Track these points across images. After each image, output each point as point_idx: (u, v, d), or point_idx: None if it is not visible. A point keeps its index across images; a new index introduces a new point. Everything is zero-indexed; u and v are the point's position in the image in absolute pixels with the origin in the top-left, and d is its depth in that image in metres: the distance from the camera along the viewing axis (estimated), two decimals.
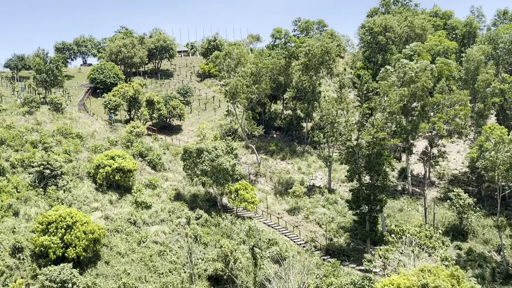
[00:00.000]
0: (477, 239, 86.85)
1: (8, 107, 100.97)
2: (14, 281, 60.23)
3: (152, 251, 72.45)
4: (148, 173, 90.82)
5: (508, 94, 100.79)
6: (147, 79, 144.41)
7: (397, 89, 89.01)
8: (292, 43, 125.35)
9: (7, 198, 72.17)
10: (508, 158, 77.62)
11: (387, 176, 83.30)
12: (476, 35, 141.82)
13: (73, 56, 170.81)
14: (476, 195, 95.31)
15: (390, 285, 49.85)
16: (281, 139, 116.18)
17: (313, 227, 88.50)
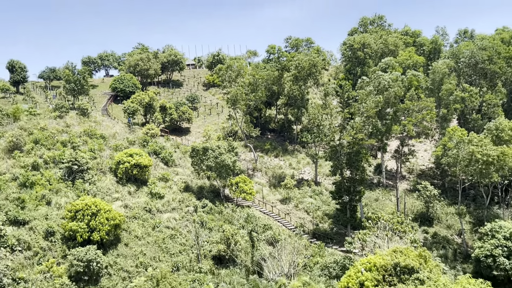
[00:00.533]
0: (441, 225, 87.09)
1: (42, 112, 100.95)
2: (47, 260, 60.50)
3: (164, 235, 72.56)
4: (161, 168, 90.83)
5: (467, 102, 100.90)
6: (161, 88, 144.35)
7: (373, 96, 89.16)
8: (284, 57, 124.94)
9: (41, 189, 72.32)
10: (467, 155, 77.79)
11: (365, 171, 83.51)
12: (440, 51, 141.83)
13: (97, 69, 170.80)
14: (441, 187, 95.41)
15: (367, 264, 49.97)
16: (275, 140, 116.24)
17: (302, 214, 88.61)
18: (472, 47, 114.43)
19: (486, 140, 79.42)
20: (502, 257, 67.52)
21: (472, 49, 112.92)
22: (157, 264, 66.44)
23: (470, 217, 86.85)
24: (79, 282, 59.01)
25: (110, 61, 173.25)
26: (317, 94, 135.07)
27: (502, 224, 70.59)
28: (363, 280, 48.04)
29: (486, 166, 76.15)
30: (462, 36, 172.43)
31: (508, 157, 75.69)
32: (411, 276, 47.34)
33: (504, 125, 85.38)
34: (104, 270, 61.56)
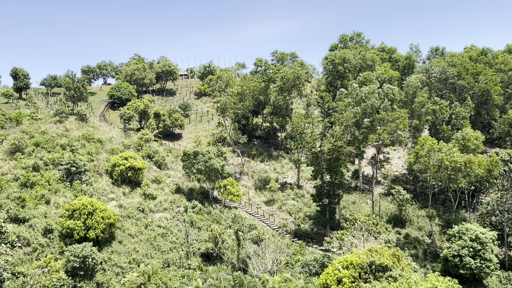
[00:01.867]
0: (413, 226, 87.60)
1: (43, 117, 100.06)
2: (45, 256, 59.89)
3: (156, 233, 72.19)
4: (154, 171, 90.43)
5: (438, 113, 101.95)
6: (155, 96, 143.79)
7: (352, 108, 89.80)
8: (270, 70, 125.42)
9: (40, 189, 71.63)
10: (437, 162, 78.53)
11: (343, 176, 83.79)
12: (414, 66, 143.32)
13: (96, 77, 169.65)
14: (413, 192, 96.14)
15: (345, 262, 50.06)
16: (261, 146, 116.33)
17: (285, 215, 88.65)
18: (443, 64, 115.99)
19: (454, 148, 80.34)
20: (468, 257, 68.10)
21: (443, 65, 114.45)
22: (149, 260, 66.00)
23: (439, 219, 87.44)
24: (75, 277, 58.42)
25: (108, 70, 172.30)
26: (300, 104, 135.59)
27: (469, 227, 71.23)
28: (340, 277, 48.14)
29: (454, 173, 76.95)
30: (433, 53, 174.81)
31: (474, 164, 76.60)
32: (385, 274, 47.56)
33: (470, 135, 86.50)
34: (99, 265, 61.04)
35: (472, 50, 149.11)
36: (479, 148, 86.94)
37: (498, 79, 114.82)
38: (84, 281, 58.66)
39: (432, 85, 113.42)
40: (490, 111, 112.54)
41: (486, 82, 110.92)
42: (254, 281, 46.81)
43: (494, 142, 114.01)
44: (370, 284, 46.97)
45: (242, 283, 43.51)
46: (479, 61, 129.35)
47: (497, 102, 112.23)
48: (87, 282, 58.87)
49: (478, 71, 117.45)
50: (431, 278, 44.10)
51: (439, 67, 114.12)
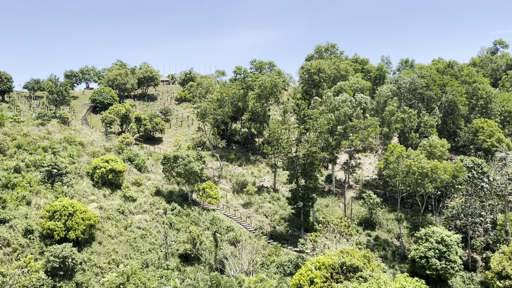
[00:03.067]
0: (382, 229, 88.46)
1: (25, 119, 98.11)
2: (25, 256, 58.69)
3: (136, 234, 71.40)
4: (135, 173, 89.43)
5: (407, 122, 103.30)
6: (136, 101, 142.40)
7: (326, 115, 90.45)
8: (249, 78, 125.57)
9: (21, 191, 70.21)
10: (405, 168, 79.57)
11: (317, 180, 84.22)
12: (385, 77, 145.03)
13: (78, 81, 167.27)
14: (382, 196, 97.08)
15: (317, 263, 50.32)
16: (239, 150, 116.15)
17: (261, 217, 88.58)
18: (412, 75, 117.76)
19: (421, 155, 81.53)
20: (434, 259, 69.11)
21: (412, 76, 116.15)
22: (128, 261, 65.19)
23: (407, 223, 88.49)
24: (55, 277, 57.38)
25: (90, 75, 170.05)
26: (277, 111, 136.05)
27: (435, 230, 72.31)
28: (313, 277, 48.35)
29: (421, 178, 78.12)
30: (403, 65, 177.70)
31: (440, 170, 77.87)
32: (355, 274, 47.94)
33: (436, 142, 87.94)
34: (79, 266, 60.09)
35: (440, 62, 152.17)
36: (445, 155, 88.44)
37: (463, 91, 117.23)
38: (63, 281, 57.60)
39: (401, 95, 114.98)
40: (455, 120, 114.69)
41: (452, 93, 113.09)
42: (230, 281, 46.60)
43: (459, 150, 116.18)
44: (342, 284, 47.24)
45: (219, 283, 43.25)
46: (445, 73, 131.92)
47: (463, 112, 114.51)
48: (66, 282, 57.82)
49: (445, 82, 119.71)
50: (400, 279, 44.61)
51: (409, 78, 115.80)
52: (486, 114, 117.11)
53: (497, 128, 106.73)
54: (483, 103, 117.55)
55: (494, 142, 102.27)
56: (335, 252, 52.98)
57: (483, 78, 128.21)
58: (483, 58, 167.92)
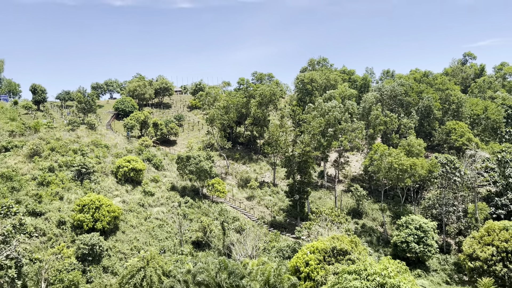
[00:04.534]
0: (368, 218, 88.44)
1: (57, 126, 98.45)
2: (59, 244, 58.91)
3: (154, 224, 71.56)
4: (153, 172, 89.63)
5: (388, 124, 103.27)
6: (154, 109, 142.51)
7: (318, 119, 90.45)
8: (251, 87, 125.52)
9: (55, 187, 70.49)
10: (387, 164, 79.53)
11: (311, 176, 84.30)
12: (369, 85, 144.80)
13: (103, 92, 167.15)
14: (368, 189, 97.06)
15: (312, 248, 50.28)
16: (243, 151, 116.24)
17: (262, 209, 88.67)
18: (393, 84, 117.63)
19: (401, 153, 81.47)
20: (414, 243, 69.11)
21: (393, 85, 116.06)
22: (147, 247, 65.35)
23: (390, 212, 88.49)
24: (84, 261, 57.69)
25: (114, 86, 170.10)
26: (276, 116, 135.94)
27: (414, 218, 72.32)
28: (308, 260, 48.38)
29: (402, 173, 78.09)
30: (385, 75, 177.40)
31: (417, 166, 77.87)
32: (345, 257, 47.95)
33: (414, 142, 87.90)
34: (105, 252, 60.37)
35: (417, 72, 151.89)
36: (422, 153, 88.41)
37: (437, 97, 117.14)
38: (92, 265, 57.87)
39: (384, 101, 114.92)
40: (431, 122, 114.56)
41: (428, 99, 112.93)
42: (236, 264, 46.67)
43: (434, 148, 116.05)
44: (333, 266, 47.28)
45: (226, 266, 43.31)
46: (422, 82, 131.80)
47: (437, 115, 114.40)
48: (94, 266, 58.07)
49: (421, 90, 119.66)
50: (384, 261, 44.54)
51: (390, 86, 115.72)
52: (457, 117, 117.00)
53: (467, 129, 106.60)
54: (455, 107, 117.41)
55: (464, 141, 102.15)
56: (327, 238, 52.98)
57: (454, 86, 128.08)
58: (454, 68, 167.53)
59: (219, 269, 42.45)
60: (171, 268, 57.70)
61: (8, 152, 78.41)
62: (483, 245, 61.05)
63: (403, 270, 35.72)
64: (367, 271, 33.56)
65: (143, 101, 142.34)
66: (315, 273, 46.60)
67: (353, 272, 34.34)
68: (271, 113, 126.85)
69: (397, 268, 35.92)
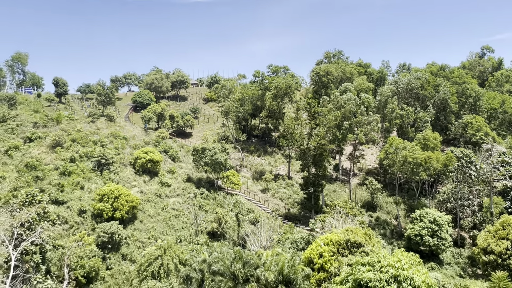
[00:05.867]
0: (382, 211, 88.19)
1: (78, 117, 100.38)
2: (80, 232, 60.38)
3: (170, 214, 72.70)
4: (169, 163, 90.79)
5: (404, 118, 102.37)
6: (170, 101, 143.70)
7: (333, 112, 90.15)
8: (266, 80, 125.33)
9: (76, 177, 72.11)
10: (402, 158, 79.04)
11: (326, 169, 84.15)
12: (385, 79, 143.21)
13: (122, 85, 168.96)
14: (383, 182, 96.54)
15: (326, 239, 50.39)
16: (258, 143, 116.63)
17: (277, 201, 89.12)
18: (409, 77, 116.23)
19: (416, 147, 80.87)
20: (427, 236, 68.86)
21: (409, 78, 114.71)
22: (164, 236, 66.56)
23: (404, 205, 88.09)
24: (104, 249, 59.15)
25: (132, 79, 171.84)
26: (291, 109, 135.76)
27: (428, 211, 71.95)
28: (322, 251, 48.63)
29: (416, 167, 77.56)
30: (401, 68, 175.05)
31: (432, 160, 77.23)
32: (358, 249, 48.06)
33: (429, 135, 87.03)
34: (124, 240, 61.70)
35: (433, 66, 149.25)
36: (438, 147, 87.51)
37: (454, 90, 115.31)
38: (111, 253, 59.31)
39: (400, 94, 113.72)
40: (447, 116, 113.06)
41: (444, 92, 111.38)
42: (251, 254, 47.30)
43: (450, 142, 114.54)
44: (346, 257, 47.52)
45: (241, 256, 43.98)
46: (438, 75, 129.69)
47: (453, 109, 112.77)
48: (114, 253, 59.50)
49: (438, 83, 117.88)
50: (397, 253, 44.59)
51: (406, 79, 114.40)
52: (474, 111, 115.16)
53: (484, 123, 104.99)
54: (472, 101, 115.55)
55: (481, 136, 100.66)
56: (341, 230, 53.13)
57: (471, 79, 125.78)
58: (472, 61, 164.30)
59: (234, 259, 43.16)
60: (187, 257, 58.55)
61: (32, 143, 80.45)
62: (498, 239, 60.55)
63: (417, 262, 35.85)
64: (380, 263, 33.81)
65: (160, 93, 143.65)
66: (328, 265, 46.89)
67: (367, 263, 34.62)
68: (286, 106, 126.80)
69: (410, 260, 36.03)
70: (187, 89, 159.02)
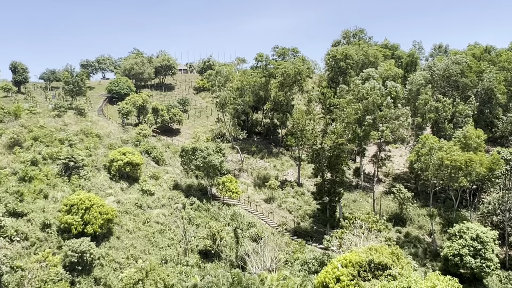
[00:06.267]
0: (413, 225, 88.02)
1: (41, 111, 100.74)
2: (43, 250, 60.50)
3: (154, 229, 72.81)
4: (152, 166, 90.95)
5: (441, 111, 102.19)
6: (153, 91, 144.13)
7: (353, 104, 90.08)
8: (271, 65, 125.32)
9: (39, 184, 72.28)
10: (437, 161, 78.94)
11: (344, 174, 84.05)
12: (417, 63, 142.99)
13: (94, 71, 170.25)
14: (414, 190, 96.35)
15: (344, 260, 50.49)
16: (261, 142, 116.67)
17: (284, 213, 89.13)
18: (446, 61, 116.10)
19: (455, 147, 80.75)
20: (469, 256, 68.73)
21: (446, 63, 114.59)
22: (146, 256, 66.61)
23: (440, 218, 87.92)
24: (73, 271, 59.13)
25: (107, 64, 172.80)
26: (301, 101, 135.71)
27: (469, 226, 71.77)
28: (339, 275, 48.66)
29: (455, 171, 77.43)
30: (437, 50, 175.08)
31: (475, 163, 76.98)
32: (384, 272, 48.08)
33: (471, 133, 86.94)
34: (97, 261, 61.74)
35: (476, 47, 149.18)
36: (481, 146, 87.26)
37: (502, 78, 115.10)
38: (82, 276, 59.36)
39: (435, 82, 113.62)
40: (493, 109, 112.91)
41: (490, 80, 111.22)
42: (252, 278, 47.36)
43: (496, 141, 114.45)
44: (369, 282, 47.53)
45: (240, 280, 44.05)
46: (482, 59, 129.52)
47: (501, 100, 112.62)
48: (84, 277, 59.57)
49: (482, 69, 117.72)
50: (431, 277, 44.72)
51: (443, 64, 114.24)
52: None
53: None
54: None
55: None
56: (362, 249, 53.09)
57: None
58: None
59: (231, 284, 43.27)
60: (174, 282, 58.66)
61: None
62: None
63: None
64: None
65: (141, 81, 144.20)
66: None
67: None
68: (295, 97, 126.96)
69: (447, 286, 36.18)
70: (174, 76, 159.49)
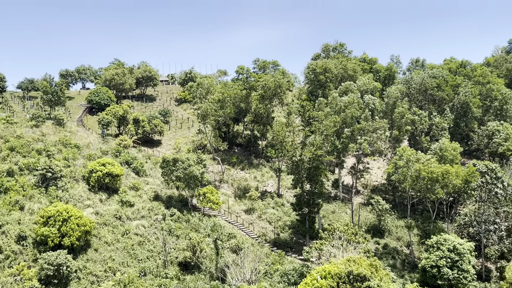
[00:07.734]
0: (392, 236, 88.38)
1: (19, 120, 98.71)
2: (18, 264, 59.01)
3: (133, 241, 71.58)
4: (132, 177, 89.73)
5: (417, 124, 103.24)
6: (135, 102, 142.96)
7: (332, 117, 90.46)
8: (252, 78, 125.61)
9: (14, 195, 70.67)
10: (414, 172, 79.43)
11: (323, 185, 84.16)
12: (395, 77, 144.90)
13: (74, 81, 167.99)
14: (392, 202, 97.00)
15: (323, 272, 50.29)
16: (241, 154, 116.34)
17: (264, 224, 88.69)
18: (423, 75, 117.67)
19: (432, 159, 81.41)
20: (446, 268, 68.99)
21: (422, 76, 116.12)
22: (125, 269, 65.33)
23: (418, 230, 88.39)
24: (48, 285, 57.61)
25: (87, 74, 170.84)
26: (282, 113, 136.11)
27: (447, 237, 72.19)
28: (318, 286, 48.34)
29: (431, 183, 77.95)
30: (414, 64, 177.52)
31: (451, 175, 77.64)
32: (363, 284, 47.89)
33: (447, 146, 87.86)
34: (74, 274, 60.33)
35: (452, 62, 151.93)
36: (457, 159, 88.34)
37: (477, 92, 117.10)
38: None
39: (412, 96, 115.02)
40: (468, 123, 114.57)
41: (465, 94, 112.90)
42: None
43: (472, 154, 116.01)
44: None
45: None
46: (458, 73, 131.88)
47: (476, 114, 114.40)
48: None
49: (457, 83, 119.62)
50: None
51: (419, 78, 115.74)
52: (501, 116, 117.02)
53: None
54: (498, 105, 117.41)
55: (509, 146, 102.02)
56: (341, 260, 52.95)
57: (497, 79, 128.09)
58: (498, 57, 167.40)
59: None
60: None
61: None
62: None
63: None
64: None
65: (122, 92, 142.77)
66: None
67: None
68: (275, 109, 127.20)
69: None
70: (155, 87, 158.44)
